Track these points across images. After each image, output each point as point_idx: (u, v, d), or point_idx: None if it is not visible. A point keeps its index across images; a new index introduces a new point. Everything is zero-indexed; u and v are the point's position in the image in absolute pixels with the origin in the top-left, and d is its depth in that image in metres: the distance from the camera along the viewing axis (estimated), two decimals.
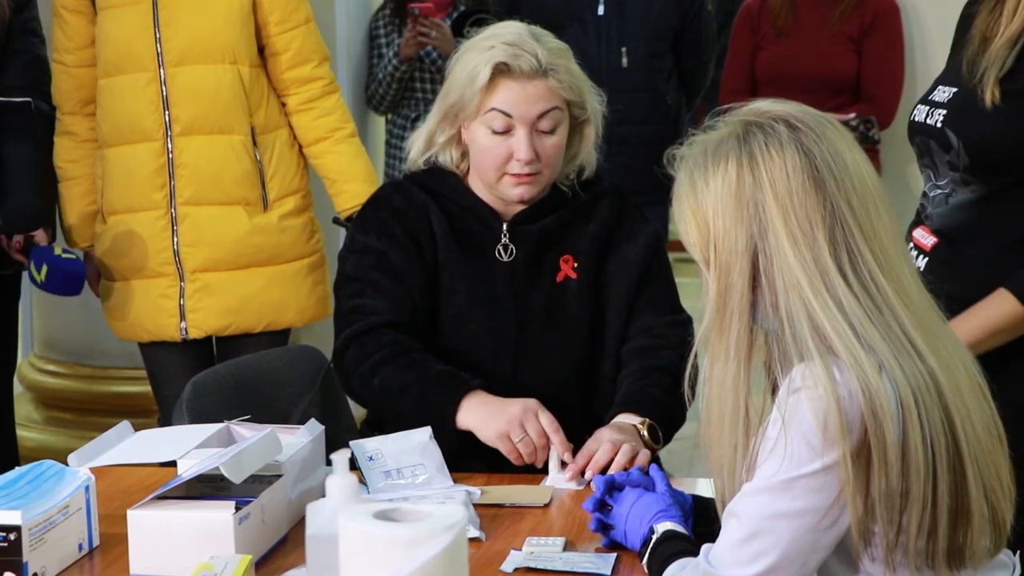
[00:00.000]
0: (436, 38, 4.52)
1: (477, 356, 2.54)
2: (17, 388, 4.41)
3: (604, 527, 2.07)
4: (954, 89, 2.58)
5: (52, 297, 3.78)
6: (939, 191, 2.59)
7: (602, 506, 2.07)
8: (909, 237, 2.64)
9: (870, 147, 4.25)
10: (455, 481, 2.36)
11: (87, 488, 2.10)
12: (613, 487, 2.08)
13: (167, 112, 3.38)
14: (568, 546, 2.09)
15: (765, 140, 1.78)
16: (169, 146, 3.38)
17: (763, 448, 1.77)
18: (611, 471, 2.31)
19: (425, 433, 2.38)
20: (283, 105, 3.50)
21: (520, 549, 2.08)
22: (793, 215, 1.76)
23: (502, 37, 2.53)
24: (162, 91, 3.38)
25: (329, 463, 1.73)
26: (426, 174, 2.64)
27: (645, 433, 2.43)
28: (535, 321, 2.56)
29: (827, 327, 1.73)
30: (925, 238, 2.59)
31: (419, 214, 2.60)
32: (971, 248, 2.53)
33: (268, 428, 2.18)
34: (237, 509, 1.98)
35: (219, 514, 1.97)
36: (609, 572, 2.00)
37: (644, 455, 2.37)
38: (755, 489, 1.76)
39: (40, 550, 1.97)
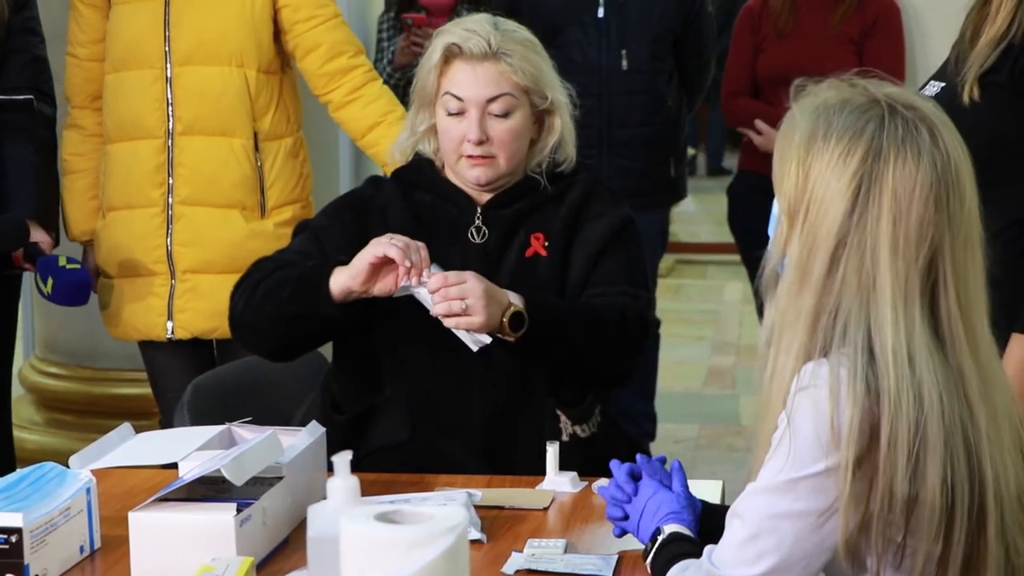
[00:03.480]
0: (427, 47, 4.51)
1: (445, 334, 2.49)
2: (18, 390, 4.42)
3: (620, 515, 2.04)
4: (941, 84, 2.61)
5: None
6: None
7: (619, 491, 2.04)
8: None
9: None
10: (456, 484, 2.36)
11: (88, 490, 2.10)
12: (633, 475, 2.05)
13: (170, 111, 3.38)
14: (569, 548, 2.10)
15: (904, 139, 1.71)
16: (170, 144, 3.39)
17: (770, 446, 1.75)
18: (434, 308, 2.36)
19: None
20: (327, 105, 3.48)
21: (521, 551, 2.08)
22: (904, 226, 1.70)
23: (464, 23, 2.60)
24: (167, 89, 3.38)
25: (331, 465, 1.73)
26: (406, 168, 2.68)
27: (506, 317, 2.40)
28: None
29: (888, 343, 1.68)
30: None
31: (379, 208, 2.62)
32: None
33: (269, 430, 2.18)
34: (238, 511, 1.98)
35: (220, 516, 1.97)
36: (610, 574, 2.00)
37: (474, 320, 2.35)
38: (758, 489, 1.75)
39: (41, 552, 1.97)
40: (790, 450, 1.71)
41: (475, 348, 2.42)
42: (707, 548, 1.82)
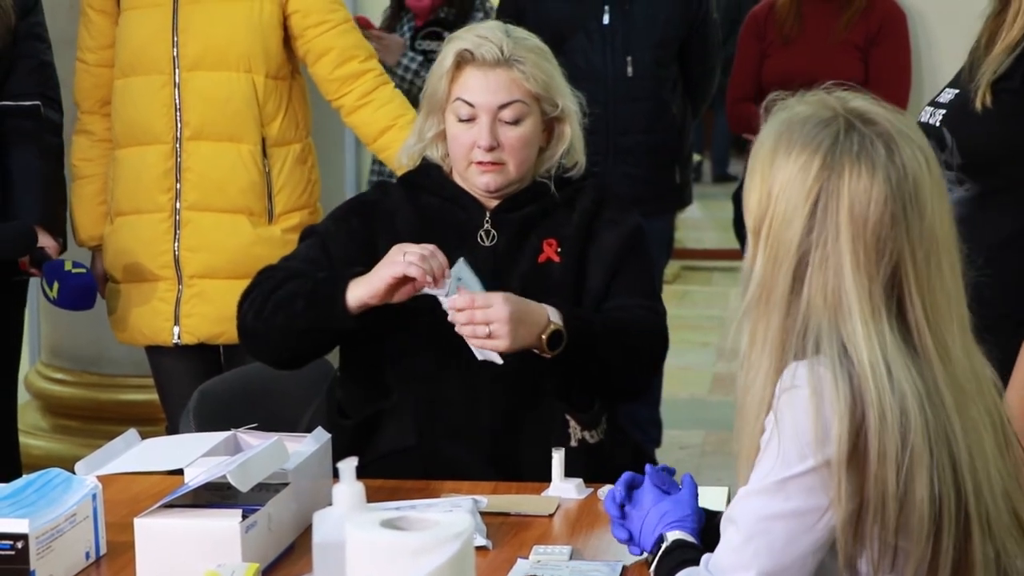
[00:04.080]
0: (377, 50, 4.51)
1: (454, 339, 2.49)
2: (24, 396, 4.42)
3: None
4: (956, 91, 2.62)
5: None
6: None
7: (622, 506, 2.05)
8: None
9: None
10: (462, 491, 2.36)
11: (94, 496, 2.10)
12: (632, 486, 2.06)
13: (178, 116, 3.39)
14: (575, 555, 2.09)
15: (859, 153, 1.73)
16: (178, 149, 3.39)
17: (760, 449, 1.76)
18: (459, 328, 2.38)
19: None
20: (339, 110, 3.48)
21: (527, 557, 2.08)
22: (862, 240, 1.72)
23: (475, 30, 2.60)
24: (175, 95, 3.39)
25: (336, 471, 1.73)
26: (413, 171, 2.69)
27: (546, 335, 2.42)
28: None
29: (864, 357, 1.70)
30: None
31: (386, 213, 2.63)
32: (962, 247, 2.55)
33: (275, 436, 2.19)
34: (244, 517, 1.98)
35: (226, 522, 1.98)
36: None
37: (498, 344, 2.37)
38: (749, 492, 1.76)
39: (47, 558, 1.98)
40: (778, 451, 1.72)
41: (480, 358, 2.43)
42: (704, 557, 1.82)
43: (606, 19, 4.29)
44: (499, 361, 2.43)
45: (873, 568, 1.71)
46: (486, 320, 2.37)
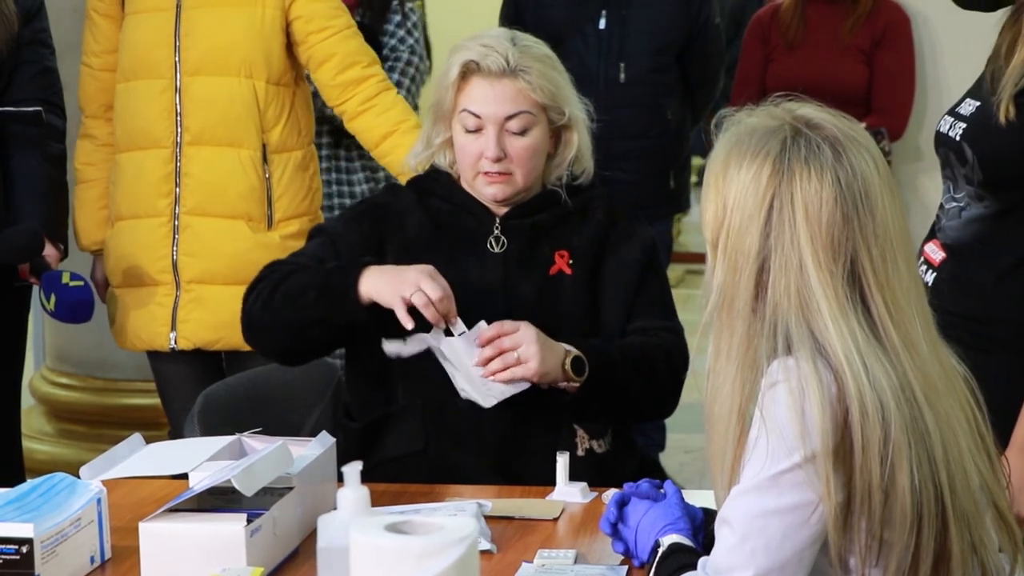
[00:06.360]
0: None
1: None
2: (29, 401, 4.43)
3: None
4: (977, 103, 2.59)
5: None
6: (955, 204, 2.59)
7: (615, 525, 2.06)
8: (921, 251, 2.63)
9: None
10: (466, 495, 2.36)
11: (99, 501, 2.10)
12: (623, 503, 2.07)
13: (179, 120, 3.39)
14: (579, 558, 2.09)
15: (807, 157, 1.77)
16: (177, 154, 3.39)
17: (747, 448, 1.77)
18: (487, 365, 2.40)
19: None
20: (341, 116, 3.47)
21: (531, 561, 2.08)
22: (820, 239, 1.75)
23: (481, 39, 2.59)
24: (176, 99, 3.39)
25: (341, 475, 1.73)
26: (422, 176, 2.69)
27: (568, 362, 2.44)
28: (524, 310, 2.54)
29: (839, 352, 1.72)
30: (935, 253, 2.59)
31: (397, 216, 2.64)
32: (978, 264, 2.53)
33: (279, 440, 2.19)
34: (248, 521, 1.98)
35: (230, 526, 1.98)
36: None
37: (529, 367, 2.40)
38: (742, 491, 1.77)
39: (52, 563, 1.98)
40: (767, 448, 1.73)
41: (487, 405, 2.45)
42: (701, 560, 1.83)
43: (602, 23, 4.28)
44: (486, 405, 2.45)
45: (861, 561, 1.73)
46: (514, 345, 2.40)
